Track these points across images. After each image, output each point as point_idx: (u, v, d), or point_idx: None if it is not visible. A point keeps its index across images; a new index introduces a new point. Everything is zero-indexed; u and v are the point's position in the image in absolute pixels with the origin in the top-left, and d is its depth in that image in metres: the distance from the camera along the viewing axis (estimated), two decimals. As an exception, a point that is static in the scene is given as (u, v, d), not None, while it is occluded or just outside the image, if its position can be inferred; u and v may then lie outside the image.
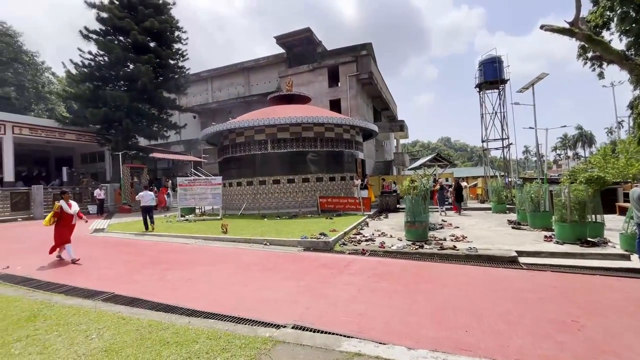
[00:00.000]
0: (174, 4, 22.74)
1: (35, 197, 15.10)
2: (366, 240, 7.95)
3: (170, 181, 22.09)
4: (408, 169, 26.64)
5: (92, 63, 20.30)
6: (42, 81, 33.91)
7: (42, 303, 4.28)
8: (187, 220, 12.99)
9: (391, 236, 8.45)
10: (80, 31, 19.75)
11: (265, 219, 12.31)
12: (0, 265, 6.52)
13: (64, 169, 21.87)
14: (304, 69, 25.08)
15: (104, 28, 20.48)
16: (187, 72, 24.05)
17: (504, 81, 17.75)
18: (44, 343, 3.12)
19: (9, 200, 14.77)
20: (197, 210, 14.75)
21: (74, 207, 7.20)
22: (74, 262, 6.67)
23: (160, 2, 21.93)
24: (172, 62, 22.55)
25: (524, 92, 14.58)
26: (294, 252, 7.30)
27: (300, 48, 26.17)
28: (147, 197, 10.79)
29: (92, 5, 19.96)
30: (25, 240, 9.93)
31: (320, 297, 4.36)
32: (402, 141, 41.04)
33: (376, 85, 25.27)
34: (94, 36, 20.16)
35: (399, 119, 35.95)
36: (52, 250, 6.93)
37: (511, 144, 18.05)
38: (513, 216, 11.05)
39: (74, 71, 20.18)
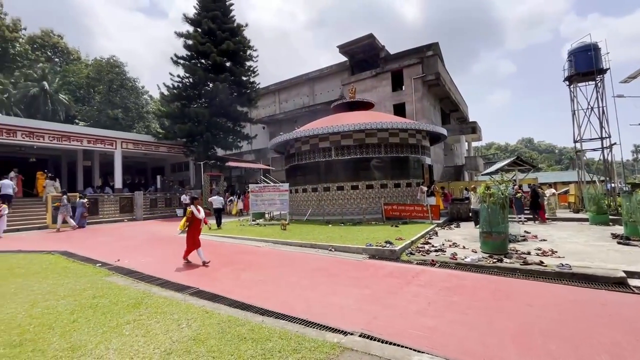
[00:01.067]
0: (246, 25, 24.85)
1: (137, 201, 17.83)
2: (436, 251, 7.53)
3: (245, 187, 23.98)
4: (482, 174, 24.47)
5: (180, 85, 23.24)
6: (142, 103, 39.94)
7: (143, 293, 5.01)
8: (257, 224, 13.91)
9: (464, 247, 7.85)
10: (171, 58, 22.83)
11: (330, 225, 12.51)
12: (113, 258, 7.79)
13: (158, 177, 25.36)
14: (366, 75, 25.06)
15: (189, 53, 23.34)
16: (257, 87, 25.95)
17: (602, 71, 15.13)
18: (147, 327, 3.66)
19: (118, 204, 17.69)
20: (266, 215, 15.69)
21: (202, 213, 7.43)
22: (204, 264, 6.92)
23: (235, 25, 24.16)
24: (244, 78, 24.57)
25: (630, 82, 12.29)
26: (359, 259, 7.27)
27: (362, 55, 26.24)
28: (217, 201, 13.61)
29: (181, 35, 22.94)
30: (130, 238, 11.71)
31: (387, 307, 4.27)
32: (474, 144, 37.97)
33: (444, 86, 23.93)
34: (182, 61, 23.09)
35: (470, 120, 33.40)
36: (186, 255, 7.24)
37: (614, 143, 15.28)
38: (619, 229, 9.34)
39: (166, 92, 23.37)
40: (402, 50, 24.67)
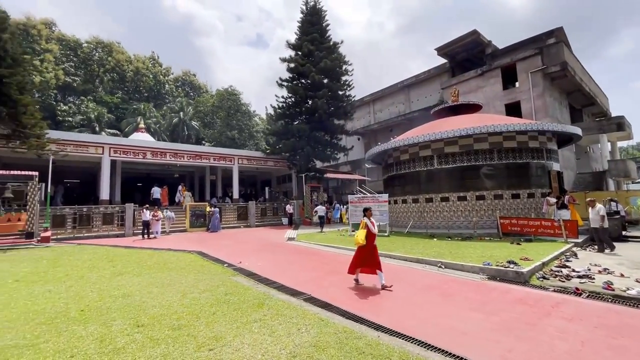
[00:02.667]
0: (342, 42, 25.90)
1: (250, 210, 20.22)
2: (579, 277, 6.15)
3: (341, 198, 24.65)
4: (637, 181, 19.20)
5: (284, 104, 25.61)
6: (252, 124, 45.54)
7: (264, 294, 5.52)
8: (357, 235, 13.96)
9: (622, 275, 6.20)
10: (277, 81, 25.43)
11: (435, 239, 11.63)
12: (236, 260, 8.89)
13: (266, 189, 28.28)
14: (470, 75, 22.91)
15: (291, 75, 25.60)
16: (352, 100, 26.59)
17: None
18: (272, 328, 3.98)
19: (236, 212, 20.37)
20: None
21: (376, 227, 6.48)
22: (384, 288, 5.81)
23: (331, 43, 25.47)
24: (340, 93, 25.51)
25: None
26: (476, 279, 6.49)
27: (465, 54, 24.18)
28: (321, 210, 16.58)
29: (284, 60, 25.39)
30: (247, 243, 13.24)
31: (524, 340, 3.63)
32: (620, 144, 30.34)
33: (572, 78, 19.96)
34: (285, 83, 25.48)
35: (612, 115, 26.89)
36: (351, 269, 6.32)
37: None
38: None
39: (272, 113, 26.10)
40: (513, 42, 21.73)
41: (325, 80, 24.87)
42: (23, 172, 12.85)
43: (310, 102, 24.10)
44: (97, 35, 50.14)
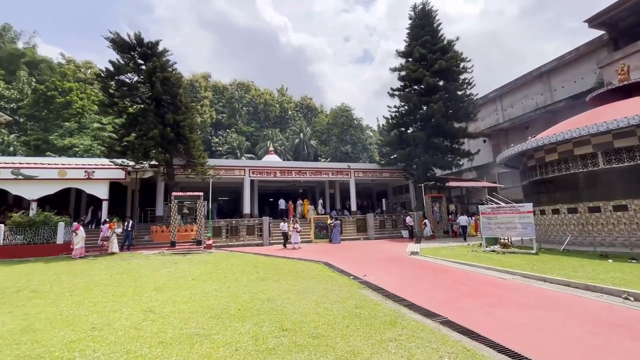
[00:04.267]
0: (457, 39, 23.84)
1: (369, 222, 20.34)
2: None
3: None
4: None
5: (397, 114, 25.12)
6: (364, 137, 46.43)
7: (395, 312, 5.31)
8: (493, 251, 12.13)
9: None
10: (388, 92, 25.26)
11: (610, 260, 8.98)
12: (360, 272, 8.96)
13: (383, 200, 28.04)
14: (647, 43, 17.40)
15: (402, 84, 25.00)
16: (474, 99, 23.91)
17: None
18: (409, 351, 3.74)
19: (355, 224, 20.85)
20: (501, 241, 13.48)
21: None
22: None
23: (445, 43, 23.75)
24: (459, 93, 23.33)
25: None
26: (697, 321, 4.60)
27: (633, 18, 18.60)
28: (463, 219, 16.78)
29: (394, 70, 25.07)
30: (368, 255, 13.25)
31: None
32: None
33: None
34: (397, 92, 25.04)
35: None
36: None
37: None
38: None
39: (384, 124, 25.98)
40: None
41: (441, 83, 23.25)
42: (193, 193, 16.54)
43: (425, 107, 22.89)
44: (236, 78, 61.49)
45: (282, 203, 23.72)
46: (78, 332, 4.62)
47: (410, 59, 24.59)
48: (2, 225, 13.96)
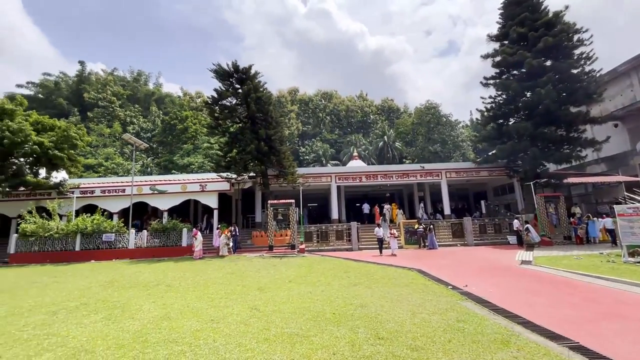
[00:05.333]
0: (567, 8, 20.10)
1: (466, 227, 18.50)
2: None
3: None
4: None
5: (493, 105, 22.41)
6: (455, 134, 42.73)
7: (506, 329, 4.66)
8: (639, 262, 9.62)
9: None
10: (481, 82, 22.75)
11: None
12: (459, 282, 8.18)
13: (482, 202, 25.20)
14: None
15: (497, 71, 22.23)
16: (596, 75, 19.64)
17: None
18: (529, 376, 3.22)
19: (450, 229, 19.24)
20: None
21: None
22: None
23: (550, 15, 20.27)
24: (575, 71, 19.53)
25: None
26: None
27: None
28: (609, 222, 14.87)
29: (487, 56, 22.49)
30: (467, 263, 12.03)
31: None
32: None
33: None
34: (491, 81, 22.37)
35: None
36: None
37: None
38: None
39: (477, 118, 23.43)
40: None
41: (548, 63, 19.87)
42: (286, 201, 17.80)
43: (529, 94, 19.87)
44: (321, 88, 64.43)
45: (365, 207, 23.77)
46: (201, 322, 5.41)
47: (505, 42, 21.78)
48: (145, 231, 17.48)
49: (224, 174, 19.48)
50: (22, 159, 18.07)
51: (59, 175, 20.55)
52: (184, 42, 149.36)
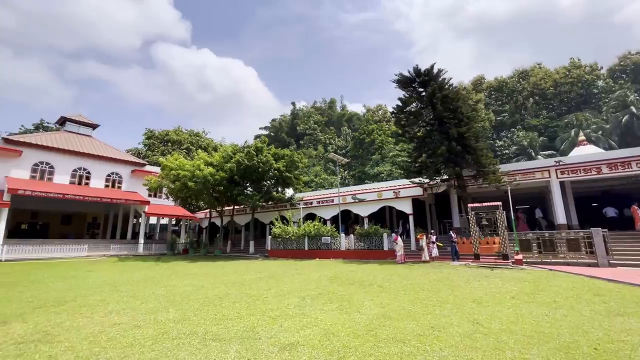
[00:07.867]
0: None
1: None
2: None
3: None
4: None
5: None
6: None
7: None
8: None
9: None
10: None
11: None
12: None
13: None
14: None
15: None
16: None
17: None
18: None
19: None
20: None
21: None
22: None
23: None
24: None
25: None
26: None
27: None
28: None
29: None
30: None
31: None
32: None
33: None
34: None
35: None
36: None
37: None
38: None
39: None
40: None
41: None
42: (490, 203, 15.62)
43: None
44: (518, 67, 53.89)
45: (609, 211, 17.48)
46: (421, 327, 5.47)
47: None
48: (352, 235, 19.94)
49: (416, 179, 19.46)
50: (268, 182, 25.04)
51: (288, 192, 27.05)
52: (361, 62, 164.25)
